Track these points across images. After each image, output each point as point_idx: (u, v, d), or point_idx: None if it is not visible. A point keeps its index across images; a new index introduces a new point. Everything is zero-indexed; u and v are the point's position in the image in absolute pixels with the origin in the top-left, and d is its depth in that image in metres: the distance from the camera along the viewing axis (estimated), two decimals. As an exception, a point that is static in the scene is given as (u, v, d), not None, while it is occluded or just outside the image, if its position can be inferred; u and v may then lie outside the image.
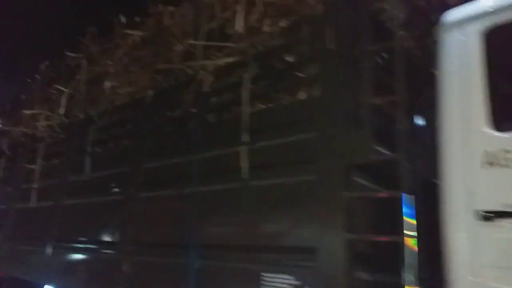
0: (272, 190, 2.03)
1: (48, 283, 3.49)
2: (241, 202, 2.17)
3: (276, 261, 1.88)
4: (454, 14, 1.77)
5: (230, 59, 2.53)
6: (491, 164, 1.54)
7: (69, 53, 4.67)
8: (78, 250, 3.41)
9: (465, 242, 1.57)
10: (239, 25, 2.42)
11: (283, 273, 1.80)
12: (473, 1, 1.78)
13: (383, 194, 1.69)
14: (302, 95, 2.10)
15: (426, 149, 1.83)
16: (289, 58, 2.24)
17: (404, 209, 1.55)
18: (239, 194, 2.19)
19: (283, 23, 2.33)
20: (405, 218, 1.54)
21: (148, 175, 2.92)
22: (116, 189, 3.15)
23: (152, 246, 2.63)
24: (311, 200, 1.81)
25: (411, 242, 1.53)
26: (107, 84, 3.73)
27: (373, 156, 1.70)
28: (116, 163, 3.29)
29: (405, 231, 1.53)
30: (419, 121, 1.99)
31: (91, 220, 3.36)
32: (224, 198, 2.29)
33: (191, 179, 2.53)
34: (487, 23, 1.67)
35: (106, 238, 3.09)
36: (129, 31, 3.55)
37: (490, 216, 1.51)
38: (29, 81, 6.16)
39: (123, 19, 3.92)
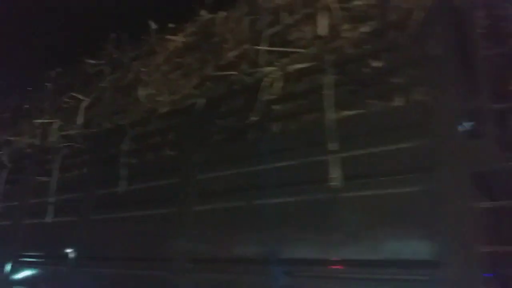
0: (373, 201, 1.92)
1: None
2: (331, 214, 2.06)
3: (389, 276, 1.77)
4: None
5: (302, 65, 2.43)
6: None
7: (88, 60, 4.47)
8: (113, 268, 3.16)
9: None
10: (322, 30, 2.34)
11: (400, 288, 1.70)
12: None
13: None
14: (398, 101, 2.03)
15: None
16: (377, 64, 2.17)
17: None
18: (328, 205, 2.08)
19: (365, 28, 2.27)
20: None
21: (202, 187, 2.76)
22: (163, 202, 2.95)
23: (219, 262, 2.46)
24: (428, 210, 1.72)
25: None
26: (142, 92, 3.56)
27: (500, 163, 1.63)
28: (159, 174, 3.10)
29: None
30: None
31: (130, 235, 3.14)
32: (307, 209, 2.17)
33: (260, 190, 2.41)
34: None
35: (153, 255, 2.88)
36: (171, 37, 3.40)
37: None
38: (30, 89, 5.88)
39: (154, 25, 3.78)
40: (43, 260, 3.93)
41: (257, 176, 2.41)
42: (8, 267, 4.31)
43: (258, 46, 2.72)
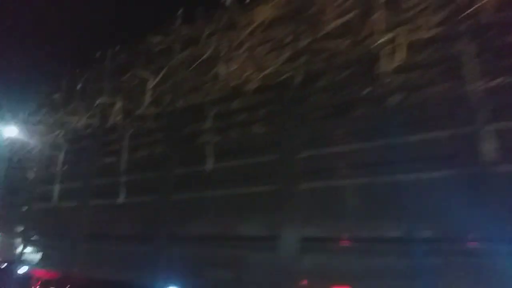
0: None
1: (172, 284, 3.16)
2: (481, 189, 1.93)
3: None
4: None
5: (431, 32, 2.27)
6: None
7: (153, 37, 4.33)
8: (207, 248, 3.10)
9: None
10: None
11: None
12: None
13: None
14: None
15: None
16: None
17: None
18: (474, 181, 1.95)
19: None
20: None
21: (305, 165, 2.66)
22: (259, 180, 2.86)
23: (337, 242, 2.37)
24: None
25: None
26: (223, 68, 3.43)
27: None
28: (251, 152, 3.01)
29: None
30: None
31: (220, 214, 3.07)
32: (446, 186, 2.04)
33: (375, 167, 2.30)
34: None
35: (256, 233, 2.80)
36: (258, 10, 3.24)
37: None
38: (83, 68, 5.76)
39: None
40: (120, 240, 3.89)
41: (387, 151, 2.28)
42: (78, 248, 4.31)
43: (367, 15, 2.56)
